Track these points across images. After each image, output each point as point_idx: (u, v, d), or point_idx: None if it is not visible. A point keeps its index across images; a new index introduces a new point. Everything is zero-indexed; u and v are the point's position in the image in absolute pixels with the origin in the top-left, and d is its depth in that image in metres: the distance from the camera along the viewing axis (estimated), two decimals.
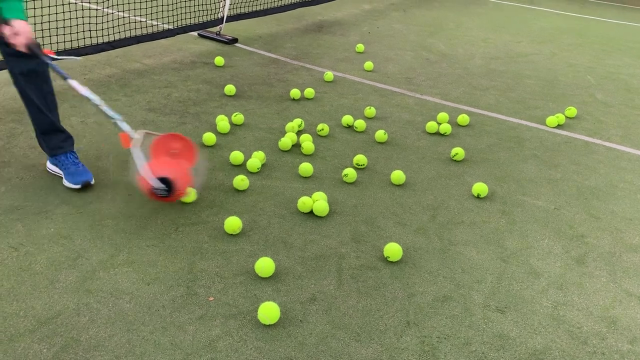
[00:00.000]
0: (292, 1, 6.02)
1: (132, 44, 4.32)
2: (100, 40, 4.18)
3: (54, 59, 2.24)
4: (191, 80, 4.10)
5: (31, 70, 2.34)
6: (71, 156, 2.62)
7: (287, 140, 3.14)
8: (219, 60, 4.45)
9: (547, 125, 3.79)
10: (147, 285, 2.04)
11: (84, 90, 2.29)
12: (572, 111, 3.98)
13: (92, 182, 2.58)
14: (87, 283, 2.02)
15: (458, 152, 3.18)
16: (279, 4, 5.85)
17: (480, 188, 2.80)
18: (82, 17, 4.23)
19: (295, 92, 3.90)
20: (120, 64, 4.28)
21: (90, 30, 4.20)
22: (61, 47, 3.97)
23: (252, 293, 2.04)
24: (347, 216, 2.57)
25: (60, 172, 2.61)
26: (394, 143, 3.37)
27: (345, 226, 2.50)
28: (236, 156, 2.92)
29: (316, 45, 5.28)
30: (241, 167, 2.91)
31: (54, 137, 2.59)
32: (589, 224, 2.67)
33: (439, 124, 3.57)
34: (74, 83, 2.27)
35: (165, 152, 2.44)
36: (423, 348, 1.86)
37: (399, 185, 2.88)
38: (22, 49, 2.13)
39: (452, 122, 3.67)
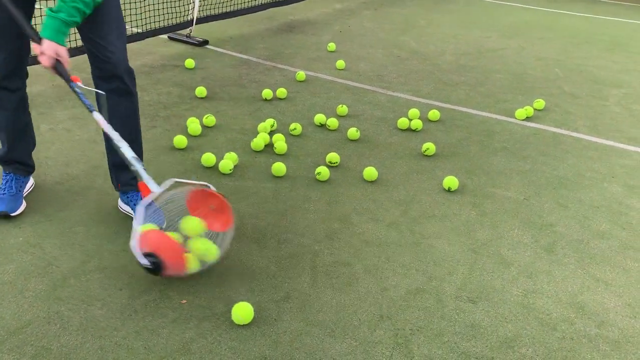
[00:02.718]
0: (263, 2, 6.02)
1: None
2: (67, 46, 4.12)
3: (79, 87, 2.11)
4: (161, 83, 4.07)
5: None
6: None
7: (259, 141, 3.15)
8: (190, 63, 4.43)
9: (516, 118, 3.86)
10: (120, 291, 2.02)
11: (107, 128, 2.10)
12: (540, 103, 4.06)
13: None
14: (58, 291, 2.00)
15: (429, 147, 3.21)
16: (250, 5, 5.85)
17: (450, 182, 2.84)
18: None
19: (267, 93, 3.90)
20: (89, 69, 4.22)
21: None
22: None
23: (225, 294, 2.04)
24: (320, 214, 2.59)
25: (132, 212, 2.37)
26: (367, 140, 3.39)
27: (319, 224, 2.51)
28: (208, 158, 2.92)
29: (288, 45, 5.29)
30: (213, 169, 2.91)
31: (126, 172, 2.30)
32: (557, 213, 2.73)
33: (410, 120, 3.60)
34: (97, 116, 2.10)
35: (203, 206, 2.15)
36: (396, 341, 1.89)
37: (371, 182, 2.90)
38: (49, 70, 2.03)
39: (423, 118, 3.71)
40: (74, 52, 4.03)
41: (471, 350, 1.87)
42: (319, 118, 3.53)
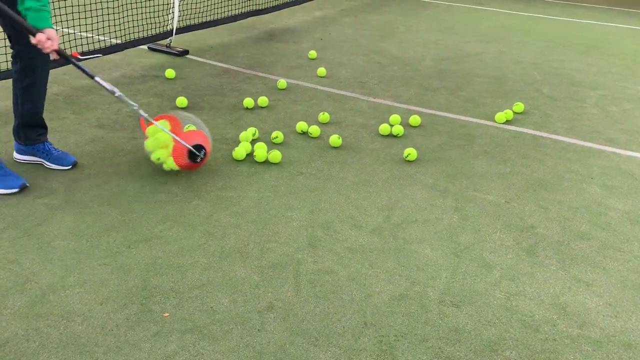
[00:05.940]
0: (243, 10, 6.02)
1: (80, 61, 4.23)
2: None
3: (79, 60, 2.69)
4: (142, 94, 4.05)
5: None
6: (48, 144, 2.92)
7: (241, 150, 3.14)
8: (170, 73, 4.41)
9: (496, 122, 3.90)
10: (100, 305, 2.00)
11: (107, 85, 2.70)
12: (519, 106, 4.10)
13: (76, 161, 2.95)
14: (37, 307, 1.97)
15: (410, 152, 3.23)
16: (230, 14, 5.84)
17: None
18: None
19: (248, 101, 3.89)
20: (68, 81, 4.19)
21: None
22: (4, 67, 3.85)
23: (208, 306, 2.02)
24: (303, 222, 2.58)
25: (39, 159, 2.91)
26: (349, 147, 3.40)
27: (302, 232, 2.50)
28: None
29: (269, 54, 5.29)
30: None
31: (34, 130, 2.87)
32: (538, 215, 2.76)
33: (392, 126, 3.62)
34: (99, 79, 2.68)
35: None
36: (381, 347, 1.88)
37: (353, 188, 2.90)
38: (53, 54, 2.46)
39: (405, 124, 3.73)
40: None
41: (455, 355, 1.87)
42: (301, 126, 3.53)
